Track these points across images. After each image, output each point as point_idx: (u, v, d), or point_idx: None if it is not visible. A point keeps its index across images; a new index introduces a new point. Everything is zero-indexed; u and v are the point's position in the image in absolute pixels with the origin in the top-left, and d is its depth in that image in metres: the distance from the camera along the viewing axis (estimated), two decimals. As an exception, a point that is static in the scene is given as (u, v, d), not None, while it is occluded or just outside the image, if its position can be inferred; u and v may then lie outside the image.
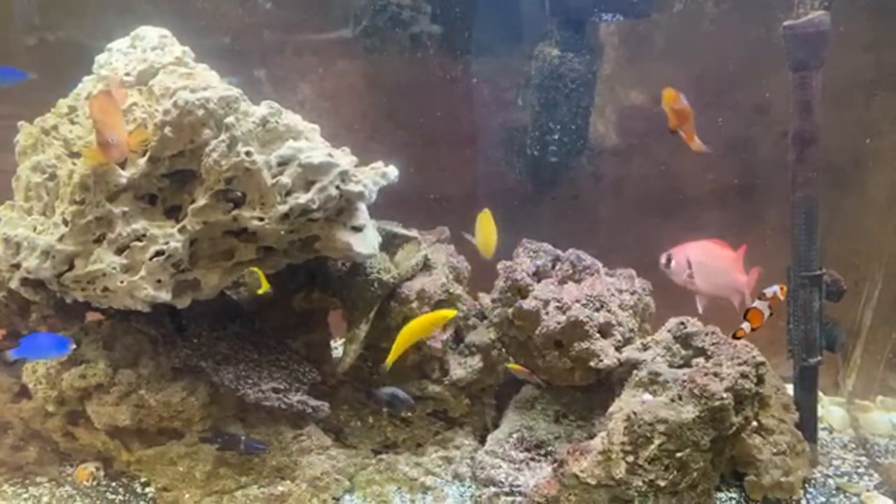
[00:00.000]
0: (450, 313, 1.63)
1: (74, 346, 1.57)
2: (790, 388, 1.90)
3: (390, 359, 1.62)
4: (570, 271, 1.75)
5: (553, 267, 1.78)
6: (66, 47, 2.26)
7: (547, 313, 1.67)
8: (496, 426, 1.82)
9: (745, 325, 1.40)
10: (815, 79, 1.69)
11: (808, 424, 1.86)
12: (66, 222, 1.51)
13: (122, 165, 1.52)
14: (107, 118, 1.45)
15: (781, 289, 1.41)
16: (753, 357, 1.59)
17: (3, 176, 1.77)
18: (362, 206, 1.68)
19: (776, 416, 1.81)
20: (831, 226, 1.79)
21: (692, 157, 2.17)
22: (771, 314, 1.40)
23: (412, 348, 1.79)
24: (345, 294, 1.79)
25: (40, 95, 2.35)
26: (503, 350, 1.82)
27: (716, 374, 1.56)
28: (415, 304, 1.75)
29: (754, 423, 1.71)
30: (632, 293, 1.76)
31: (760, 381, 1.61)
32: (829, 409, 2.14)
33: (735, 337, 1.43)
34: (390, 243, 1.83)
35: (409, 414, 1.83)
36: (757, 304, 1.40)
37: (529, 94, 2.05)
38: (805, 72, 1.68)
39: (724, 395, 1.53)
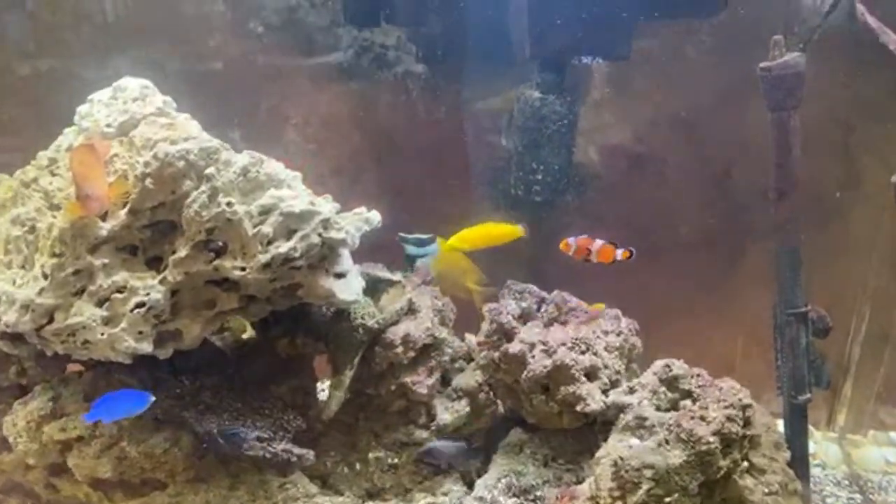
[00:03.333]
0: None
1: (153, 399, 1.53)
2: (781, 425, 1.89)
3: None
4: (556, 313, 1.75)
5: (538, 308, 1.78)
6: (59, 76, 2.28)
7: (533, 357, 1.66)
8: (484, 471, 1.80)
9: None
10: (792, 119, 1.71)
11: (799, 462, 1.84)
12: (45, 276, 1.50)
13: (103, 217, 1.52)
14: (87, 171, 1.45)
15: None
16: (740, 399, 1.58)
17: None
18: (345, 253, 1.68)
19: (767, 455, 1.79)
20: (815, 261, 1.80)
21: (675, 193, 2.20)
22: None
23: (398, 394, 1.78)
24: (329, 339, 1.78)
25: (34, 124, 2.37)
26: (490, 393, 1.81)
27: (702, 418, 1.55)
28: (399, 350, 1.73)
29: (745, 464, 1.69)
30: (618, 334, 1.75)
31: (748, 423, 1.60)
32: (822, 445, 2.12)
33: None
34: (374, 287, 1.83)
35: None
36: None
37: (512, 134, 2.07)
38: (783, 112, 1.70)
39: (711, 438, 1.52)
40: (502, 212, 2.12)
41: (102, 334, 1.51)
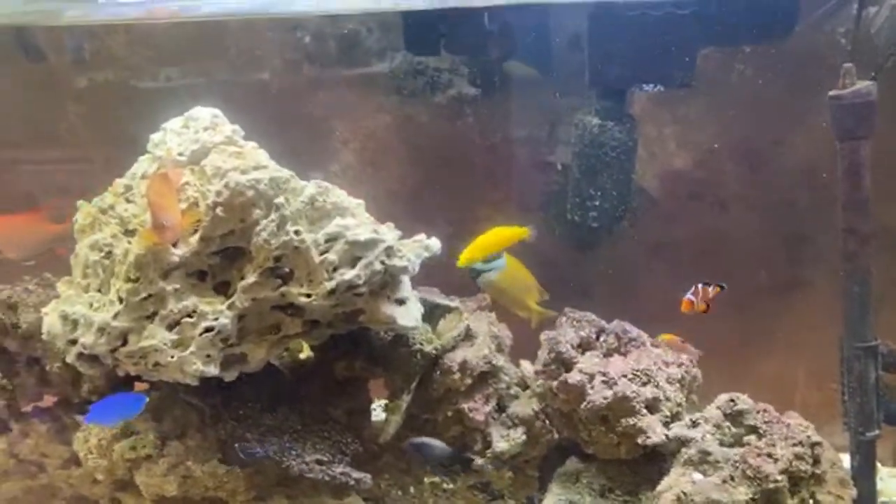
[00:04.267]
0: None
1: (147, 398, 1.62)
2: (845, 458, 1.83)
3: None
4: (616, 343, 1.73)
5: (597, 338, 1.76)
6: (115, 87, 2.36)
7: (592, 388, 1.64)
8: (540, 499, 1.79)
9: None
10: (863, 148, 1.66)
11: (866, 501, 1.77)
12: (120, 300, 1.55)
13: (175, 244, 1.56)
14: (162, 201, 1.50)
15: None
16: (809, 437, 1.54)
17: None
18: (406, 279, 1.70)
19: (833, 493, 1.73)
20: (885, 294, 1.74)
21: (735, 220, 2.16)
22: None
23: (454, 420, 1.78)
24: (387, 364, 1.80)
25: (92, 138, 2.46)
26: (547, 422, 1.80)
27: (769, 455, 1.52)
28: (457, 376, 1.74)
29: (811, 502, 1.65)
30: (679, 365, 1.73)
31: (816, 461, 1.56)
32: (888, 482, 2.05)
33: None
34: (432, 313, 1.84)
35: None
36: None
37: (569, 160, 2.06)
38: (853, 141, 1.66)
39: (779, 477, 1.49)
40: (556, 237, 2.11)
41: (172, 357, 1.55)
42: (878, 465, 1.89)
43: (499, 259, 1.89)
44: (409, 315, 1.68)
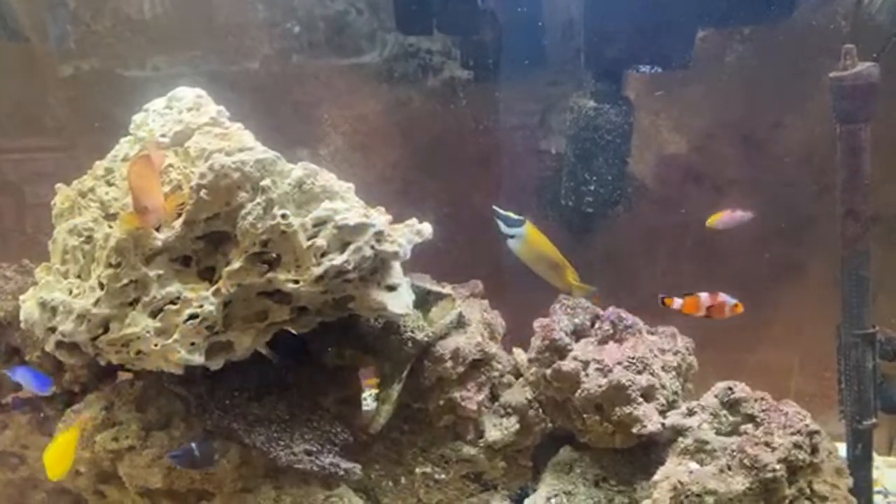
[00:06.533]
0: None
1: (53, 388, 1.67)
2: (841, 446, 1.81)
3: None
4: (611, 331, 1.70)
5: (592, 325, 1.73)
6: (99, 76, 2.30)
7: (587, 375, 1.62)
8: (533, 489, 1.76)
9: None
10: (864, 131, 1.63)
11: (862, 490, 1.76)
12: (101, 286, 1.50)
13: (157, 228, 1.51)
14: (145, 184, 1.44)
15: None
16: (807, 426, 1.52)
17: (40, 209, 1.77)
18: (397, 265, 1.65)
19: (829, 482, 1.71)
20: (883, 281, 1.72)
21: (731, 206, 2.14)
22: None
23: (446, 409, 1.75)
24: (378, 351, 1.76)
25: (77, 126, 2.40)
26: (540, 410, 1.77)
27: (767, 444, 1.49)
28: (449, 364, 1.71)
29: (808, 492, 1.63)
30: (675, 353, 1.70)
31: (814, 450, 1.54)
32: (884, 471, 2.04)
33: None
34: (424, 300, 1.80)
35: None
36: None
37: (564, 143, 2.02)
38: (853, 124, 1.63)
39: (777, 466, 1.47)
40: (550, 221, 2.08)
41: (156, 345, 1.50)
42: (874, 454, 1.88)
43: (520, 227, 1.80)
44: (400, 302, 1.64)
